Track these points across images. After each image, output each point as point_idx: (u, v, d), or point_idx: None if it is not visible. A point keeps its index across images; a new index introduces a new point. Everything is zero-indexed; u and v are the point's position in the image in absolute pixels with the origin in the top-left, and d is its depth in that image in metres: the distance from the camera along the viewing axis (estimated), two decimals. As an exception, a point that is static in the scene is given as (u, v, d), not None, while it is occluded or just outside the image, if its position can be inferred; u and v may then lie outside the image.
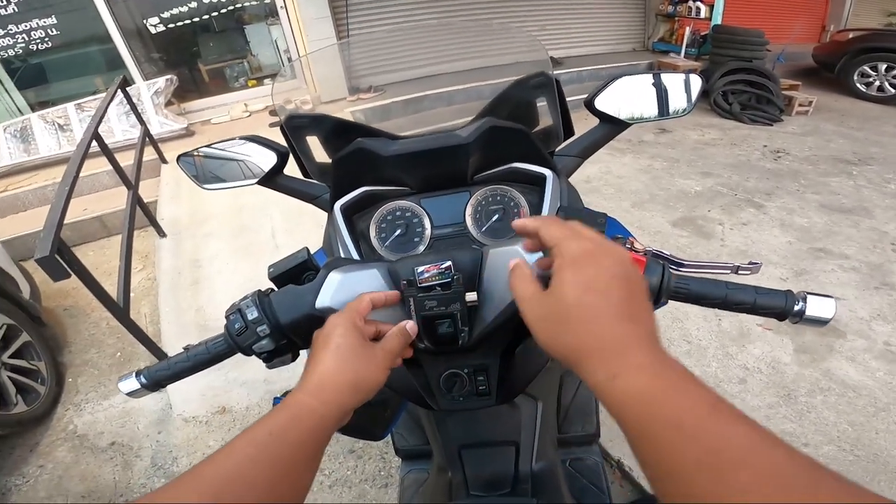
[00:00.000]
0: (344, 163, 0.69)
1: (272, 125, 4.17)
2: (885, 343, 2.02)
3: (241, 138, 0.80)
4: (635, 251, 0.53)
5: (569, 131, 0.79)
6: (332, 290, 0.53)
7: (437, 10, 5.27)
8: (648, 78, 0.73)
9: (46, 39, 4.27)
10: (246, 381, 2.00)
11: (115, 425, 2.00)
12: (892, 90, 5.41)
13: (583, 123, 0.75)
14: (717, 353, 1.99)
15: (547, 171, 0.69)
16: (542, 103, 0.82)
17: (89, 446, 1.94)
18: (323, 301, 0.53)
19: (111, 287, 1.86)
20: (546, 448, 0.70)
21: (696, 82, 0.75)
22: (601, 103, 0.74)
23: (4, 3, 4.03)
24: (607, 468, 1.41)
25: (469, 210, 0.73)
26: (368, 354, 0.45)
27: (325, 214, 0.79)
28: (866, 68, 5.58)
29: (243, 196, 3.10)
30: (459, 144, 0.65)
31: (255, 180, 0.80)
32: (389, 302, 0.51)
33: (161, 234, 2.97)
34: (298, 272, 0.58)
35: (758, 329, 2.09)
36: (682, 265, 0.59)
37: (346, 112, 4.00)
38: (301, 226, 2.87)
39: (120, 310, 1.90)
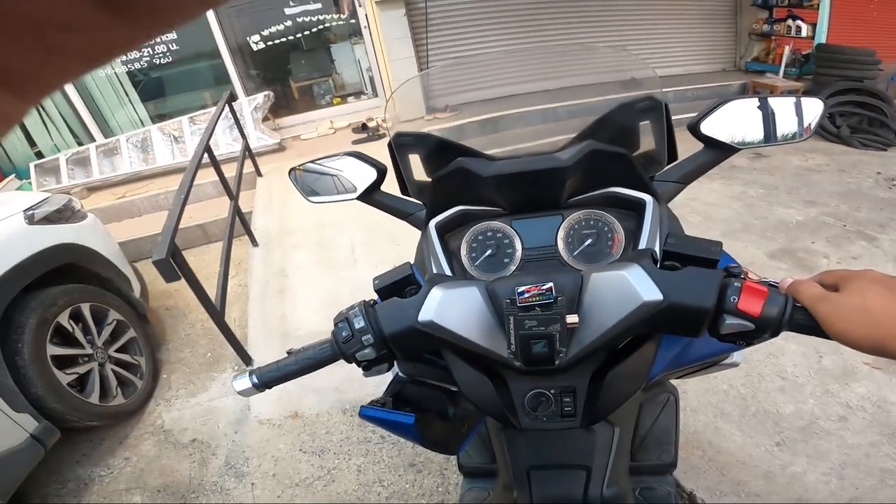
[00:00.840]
0: (443, 181, 0.71)
1: (355, 142, 4.39)
2: None
3: (344, 154, 0.84)
4: (749, 278, 0.51)
5: (672, 156, 0.76)
6: (435, 304, 0.55)
7: (513, 29, 5.31)
8: (757, 102, 0.70)
9: (167, 54, 4.70)
10: (318, 388, 2.09)
11: (199, 423, 2.12)
12: None
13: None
14: (815, 390, 1.82)
15: (647, 197, 0.68)
16: (643, 124, 0.80)
17: (172, 441, 2.06)
18: (426, 315, 0.55)
19: (209, 291, 2.01)
20: (618, 475, 0.69)
21: (815, 106, 0.70)
22: (707, 127, 0.71)
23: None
24: (678, 500, 1.34)
25: (561, 233, 0.72)
26: None
27: (402, 233, 0.83)
28: None
29: (326, 212, 3.28)
30: (559, 167, 0.65)
31: (355, 195, 0.83)
32: None
33: (254, 243, 3.18)
34: (402, 285, 0.62)
35: (865, 368, 1.88)
36: None
37: (423, 132, 4.11)
38: (378, 241, 2.97)
39: (217, 312, 2.04)
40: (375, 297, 0.64)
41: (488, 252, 0.73)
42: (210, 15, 4.53)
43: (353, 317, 0.57)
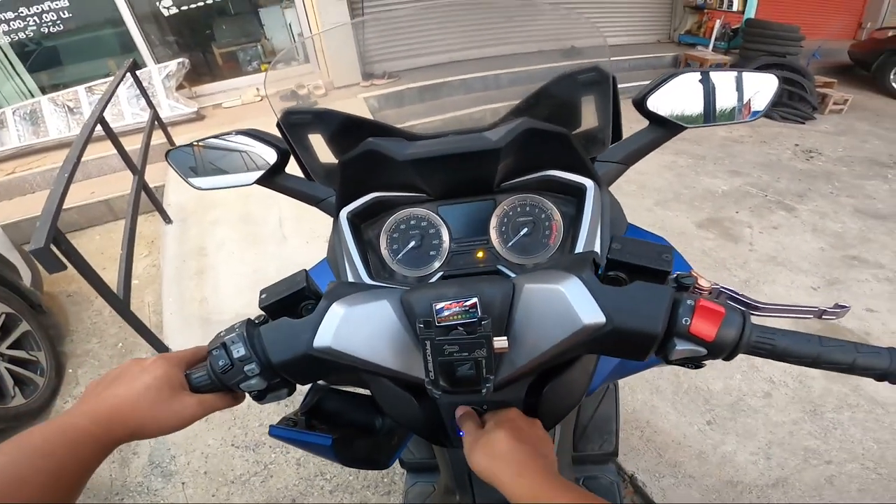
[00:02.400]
0: (352, 165, 0.61)
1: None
2: None
3: (237, 132, 0.70)
4: (700, 288, 0.45)
5: (617, 136, 0.68)
6: (334, 326, 0.44)
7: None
8: (716, 75, 0.62)
9: (58, 22, 4.23)
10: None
11: (114, 420, 1.95)
12: (931, 91, 5.19)
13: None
14: (741, 364, 1.88)
15: (588, 182, 0.61)
16: (586, 99, 0.71)
17: (85, 442, 1.88)
18: (322, 340, 0.44)
19: (115, 274, 1.80)
20: (562, 469, 0.64)
21: (770, 83, 0.63)
22: (654, 103, 0.63)
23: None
24: (622, 485, 1.37)
25: (494, 222, 0.64)
26: (174, 402, 0.45)
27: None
28: (904, 67, 5.33)
29: None
30: (489, 149, 0.55)
31: (252, 181, 0.71)
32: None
33: (167, 220, 2.92)
34: (295, 300, 0.50)
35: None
36: (757, 308, 0.48)
37: (360, 98, 3.90)
38: (309, 213, 2.73)
39: (119, 302, 1.84)
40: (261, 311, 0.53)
41: (412, 244, 0.64)
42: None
43: (231, 343, 0.47)
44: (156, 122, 3.48)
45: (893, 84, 5.43)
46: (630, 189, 3.10)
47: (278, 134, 0.72)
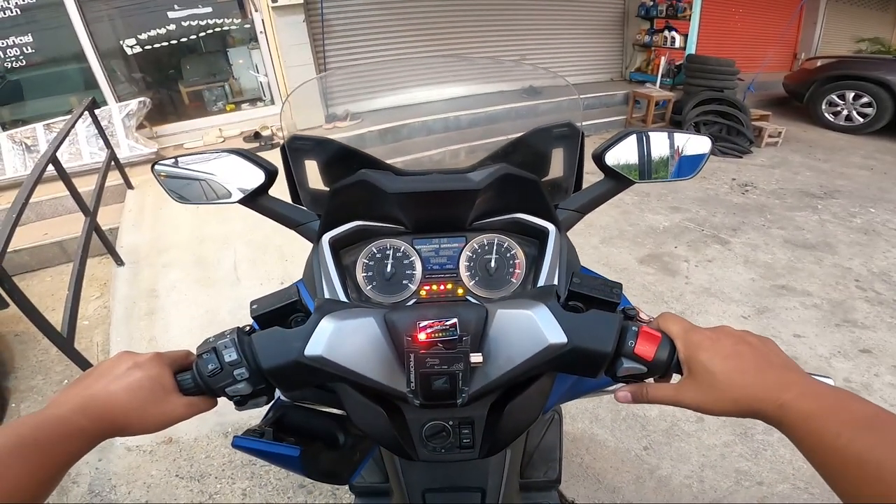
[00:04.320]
0: (342, 193, 0.65)
1: (246, 152, 4.15)
2: (844, 380, 2.06)
3: (226, 151, 0.73)
4: (642, 321, 0.53)
5: (578, 185, 0.77)
6: (326, 337, 0.50)
7: (413, 37, 5.33)
8: (661, 136, 0.72)
9: (21, 58, 4.20)
10: None
11: (53, 451, 1.93)
12: (860, 119, 5.55)
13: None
14: None
15: (550, 226, 0.67)
16: (556, 151, 0.80)
17: (24, 472, 1.86)
18: (314, 349, 0.49)
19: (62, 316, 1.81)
20: (511, 494, 0.70)
21: (704, 144, 0.73)
22: (611, 158, 0.71)
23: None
24: None
25: (464, 257, 0.70)
26: (164, 403, 0.47)
27: (291, 249, 0.75)
28: (834, 97, 5.71)
29: (207, 226, 3.10)
30: (468, 189, 0.62)
31: (238, 198, 0.74)
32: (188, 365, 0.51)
33: (119, 262, 2.90)
34: (285, 312, 0.55)
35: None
36: None
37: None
38: (266, 256, 2.83)
39: (62, 339, 1.86)
40: (252, 322, 0.56)
41: (386, 272, 0.69)
42: (74, 16, 4.11)
43: (223, 348, 0.50)
44: (113, 163, 3.47)
45: (825, 114, 5.78)
46: (578, 227, 3.11)
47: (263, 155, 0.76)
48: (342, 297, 0.64)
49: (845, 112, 5.68)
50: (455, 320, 0.49)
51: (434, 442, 0.55)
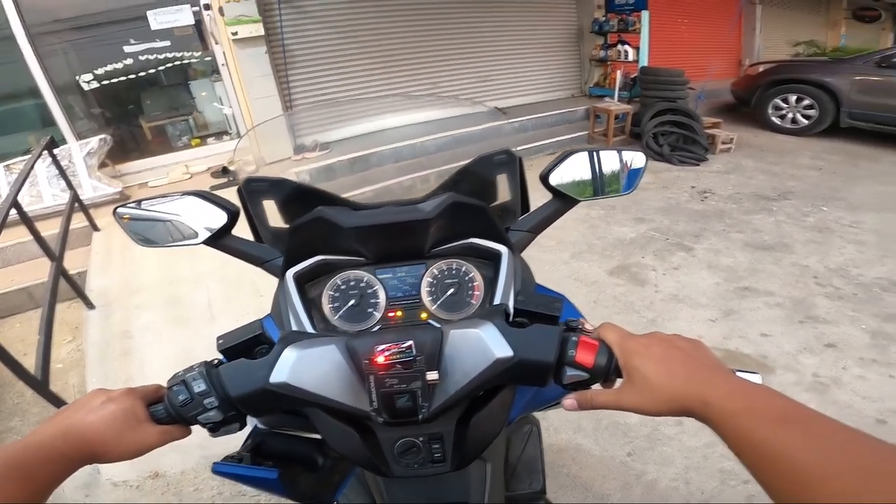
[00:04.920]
0: (301, 231, 0.67)
1: (213, 187, 4.10)
2: (813, 375, 2.14)
3: (187, 193, 0.75)
4: (586, 333, 0.56)
5: (525, 208, 0.81)
6: (289, 365, 0.53)
7: (376, 65, 5.40)
8: (596, 154, 0.76)
9: None
10: (179, 445, 1.89)
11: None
12: (805, 121, 5.83)
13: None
14: None
15: (502, 248, 0.70)
16: (501, 176, 0.83)
17: (10, 512, 1.78)
18: (278, 377, 0.52)
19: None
20: None
21: (640, 160, 0.77)
22: (555, 179, 0.75)
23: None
24: None
25: (425, 283, 0.72)
26: (138, 431, 0.51)
27: (265, 284, 0.76)
28: (778, 101, 5.97)
29: (177, 266, 3.05)
30: (421, 219, 0.65)
31: (201, 240, 0.75)
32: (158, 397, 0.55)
33: (89, 305, 2.83)
34: (250, 345, 0.58)
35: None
36: None
37: (291, 173, 4.00)
38: (240, 293, 2.81)
39: (37, 381, 1.87)
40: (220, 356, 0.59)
41: (351, 302, 0.71)
42: (26, 50, 4.01)
43: (192, 380, 0.54)
44: (77, 204, 3.39)
45: (772, 118, 6.04)
46: (549, 245, 3.32)
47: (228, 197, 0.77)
48: (309, 329, 0.67)
49: (790, 115, 5.98)
50: (411, 342, 0.53)
51: (406, 458, 0.58)
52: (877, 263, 3.04)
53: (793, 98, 5.90)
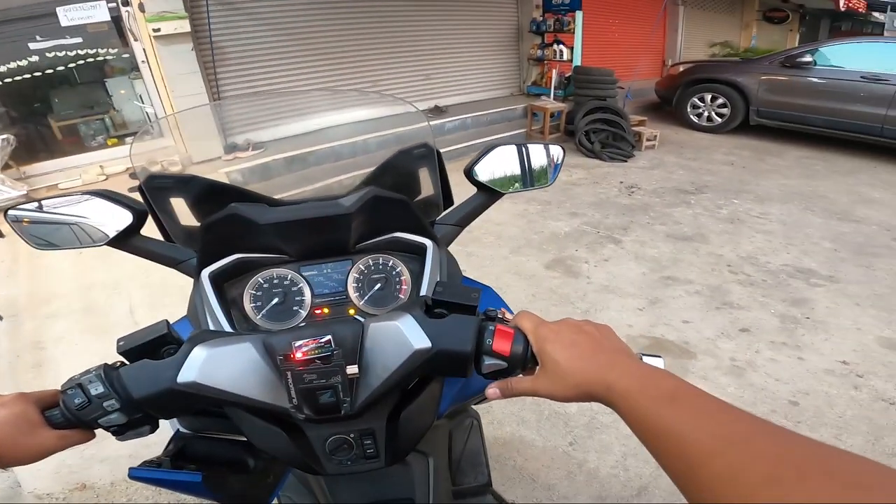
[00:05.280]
0: (214, 229, 0.65)
1: (132, 189, 3.84)
2: (730, 359, 2.27)
3: (88, 193, 0.71)
4: (504, 322, 0.56)
5: (448, 201, 0.81)
6: (198, 364, 0.50)
7: (311, 60, 5.27)
8: (519, 148, 0.78)
9: None
10: (107, 456, 1.81)
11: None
12: (719, 119, 6.29)
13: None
14: None
15: (428, 242, 0.70)
16: (423, 170, 0.84)
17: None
18: (187, 376, 0.50)
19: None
20: (442, 502, 0.72)
21: (559, 154, 0.80)
22: (478, 173, 0.76)
23: None
24: None
25: (351, 279, 0.72)
26: (33, 436, 0.49)
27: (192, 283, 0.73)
28: (696, 100, 6.39)
29: (93, 273, 2.89)
30: (341, 214, 0.64)
31: (104, 242, 0.71)
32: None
33: (-5, 318, 2.61)
34: (155, 346, 0.54)
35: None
36: None
37: (221, 173, 3.83)
38: (167, 298, 2.67)
39: None
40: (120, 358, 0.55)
41: (275, 301, 0.69)
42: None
43: (88, 382, 0.50)
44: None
45: (690, 116, 6.47)
46: (489, 240, 3.38)
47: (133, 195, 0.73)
48: (227, 329, 0.65)
49: (706, 113, 6.44)
50: (329, 337, 0.51)
51: (338, 455, 0.57)
52: (782, 251, 3.34)
53: (708, 97, 6.36)
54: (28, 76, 4.13)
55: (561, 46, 6.34)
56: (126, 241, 0.73)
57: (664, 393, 0.40)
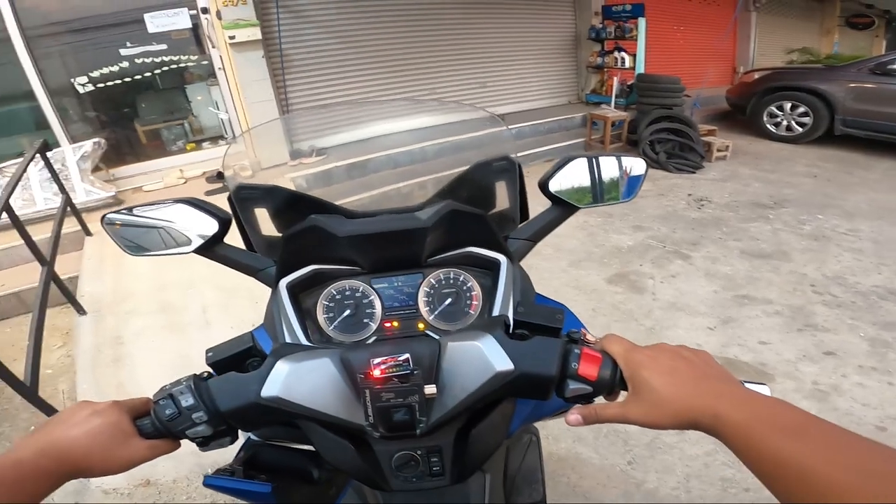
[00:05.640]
0: (294, 240, 0.66)
1: (208, 192, 4.07)
2: (813, 383, 2.13)
3: (177, 200, 0.73)
4: (588, 344, 0.54)
5: (524, 216, 0.79)
6: (281, 379, 0.51)
7: (375, 70, 5.40)
8: (596, 160, 0.75)
9: None
10: (172, 454, 1.89)
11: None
12: (799, 129, 5.85)
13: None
14: None
15: (501, 257, 0.69)
16: (499, 184, 0.82)
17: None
18: (270, 391, 0.51)
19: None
20: None
21: (640, 166, 0.76)
22: (554, 186, 0.74)
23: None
24: None
25: (422, 293, 0.71)
26: (124, 446, 0.50)
27: (261, 292, 0.74)
28: (773, 108, 6.00)
29: (171, 272, 3.02)
30: (418, 228, 0.63)
31: (192, 248, 0.74)
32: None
33: (80, 311, 2.79)
34: (241, 358, 0.56)
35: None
36: None
37: (288, 179, 3.98)
38: (235, 300, 2.78)
39: (25, 388, 1.87)
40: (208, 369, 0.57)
41: (346, 312, 0.70)
42: (22, 53, 3.98)
43: (179, 394, 0.52)
44: (69, 209, 3.36)
45: (767, 126, 6.07)
46: (547, 252, 3.31)
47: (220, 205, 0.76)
48: (303, 340, 0.65)
49: (785, 122, 6.02)
50: (408, 355, 0.51)
51: (404, 472, 0.56)
52: (873, 272, 3.05)
53: (787, 105, 5.94)
54: (119, 81, 4.48)
55: (622, 54, 6.18)
56: (211, 248, 0.75)
57: (786, 424, 0.38)
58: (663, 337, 2.48)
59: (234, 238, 0.79)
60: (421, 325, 0.71)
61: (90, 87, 4.38)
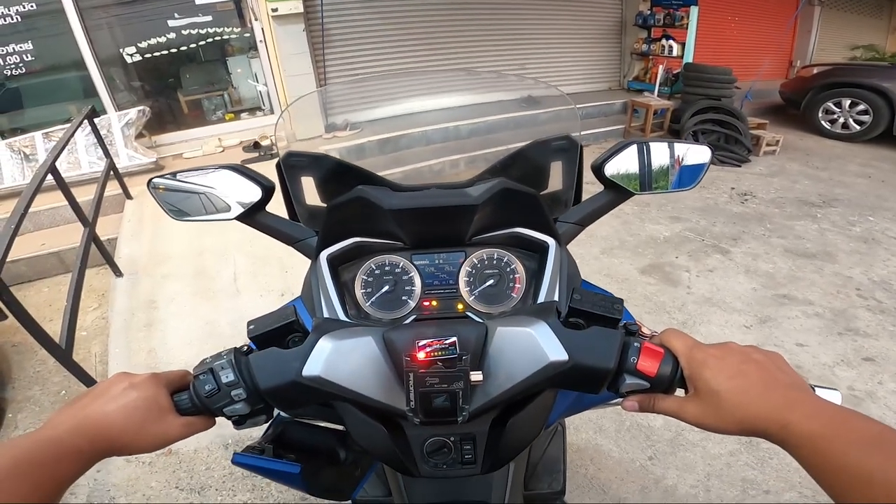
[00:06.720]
0: (339, 210, 0.65)
1: (245, 161, 4.15)
2: (848, 388, 2.06)
3: (222, 167, 0.71)
4: (644, 336, 0.52)
5: (577, 198, 0.77)
6: (323, 357, 0.49)
7: (413, 46, 5.35)
8: (660, 146, 0.71)
9: (21, 65, 4.19)
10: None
11: (51, 462, 1.93)
12: (857, 127, 5.56)
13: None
14: None
15: (550, 240, 0.66)
16: (556, 164, 0.79)
17: (21, 483, 1.85)
18: (312, 370, 0.49)
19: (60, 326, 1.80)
20: None
21: (705, 155, 0.72)
22: (610, 169, 0.70)
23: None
24: None
25: (463, 272, 0.69)
26: (160, 423, 0.47)
27: (291, 261, 0.74)
28: (830, 105, 5.72)
29: (205, 238, 3.09)
30: (468, 205, 0.61)
31: (234, 215, 0.72)
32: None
33: (117, 273, 2.89)
34: (283, 332, 0.54)
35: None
36: None
37: (321, 151, 4.02)
38: (266, 268, 2.83)
39: (61, 350, 1.87)
40: (248, 342, 0.56)
41: (385, 288, 0.68)
42: (75, 24, 4.12)
43: (220, 369, 0.50)
44: (112, 173, 3.47)
45: (822, 122, 5.79)
46: (579, 238, 3.13)
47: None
48: (341, 315, 0.64)
49: (842, 120, 5.70)
50: (454, 339, 0.48)
51: (435, 458, 0.55)
52: (924, 279, 2.86)
53: (846, 102, 5.61)
54: (164, 52, 4.59)
55: (670, 41, 5.99)
56: (252, 216, 0.73)
57: (864, 437, 0.35)
58: (696, 332, 2.40)
59: (275, 207, 0.77)
60: (460, 306, 0.68)
61: (137, 58, 4.53)
